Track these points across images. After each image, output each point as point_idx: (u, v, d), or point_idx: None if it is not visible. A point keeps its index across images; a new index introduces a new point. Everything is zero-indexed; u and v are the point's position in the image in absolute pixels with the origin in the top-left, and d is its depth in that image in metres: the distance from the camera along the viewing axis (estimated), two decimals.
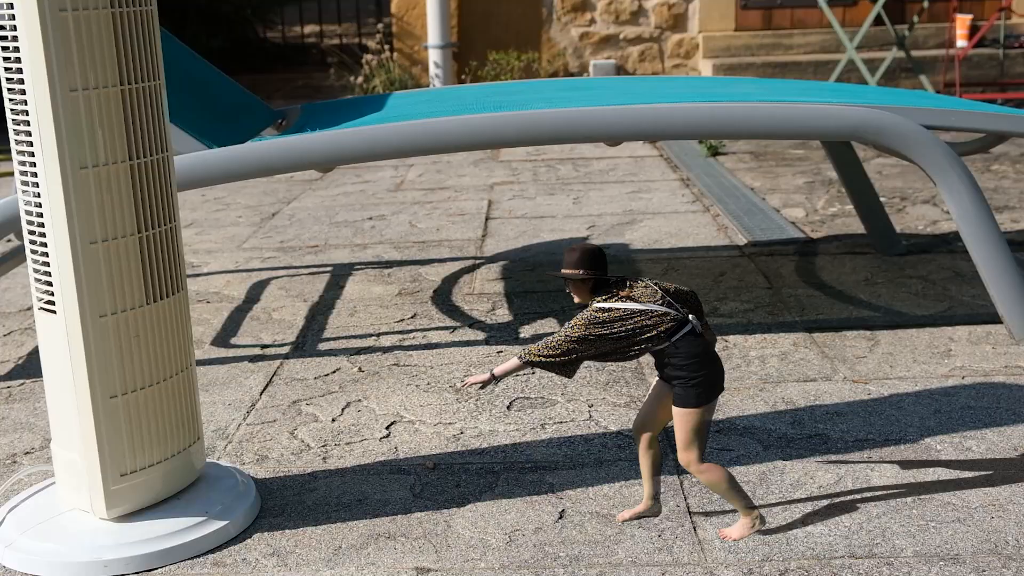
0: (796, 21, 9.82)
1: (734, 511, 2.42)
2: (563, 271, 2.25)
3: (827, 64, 9.21)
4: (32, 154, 2.19)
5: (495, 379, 2.27)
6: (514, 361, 2.24)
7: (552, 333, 2.27)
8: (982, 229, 3.37)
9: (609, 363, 2.23)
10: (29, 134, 2.18)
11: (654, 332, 2.19)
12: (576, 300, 2.27)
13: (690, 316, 2.22)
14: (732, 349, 3.45)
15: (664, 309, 2.20)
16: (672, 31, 9.91)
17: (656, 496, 2.39)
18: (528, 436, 2.86)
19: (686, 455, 2.25)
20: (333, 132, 3.30)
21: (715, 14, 9.77)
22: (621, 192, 5.97)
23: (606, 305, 2.20)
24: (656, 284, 2.25)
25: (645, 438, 2.34)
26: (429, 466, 2.71)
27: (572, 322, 2.22)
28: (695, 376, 2.21)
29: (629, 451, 2.75)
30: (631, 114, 3.32)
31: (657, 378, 2.33)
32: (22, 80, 2.15)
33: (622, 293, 2.22)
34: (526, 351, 2.23)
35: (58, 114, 2.13)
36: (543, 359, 2.21)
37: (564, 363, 2.22)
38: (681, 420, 2.23)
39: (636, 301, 2.20)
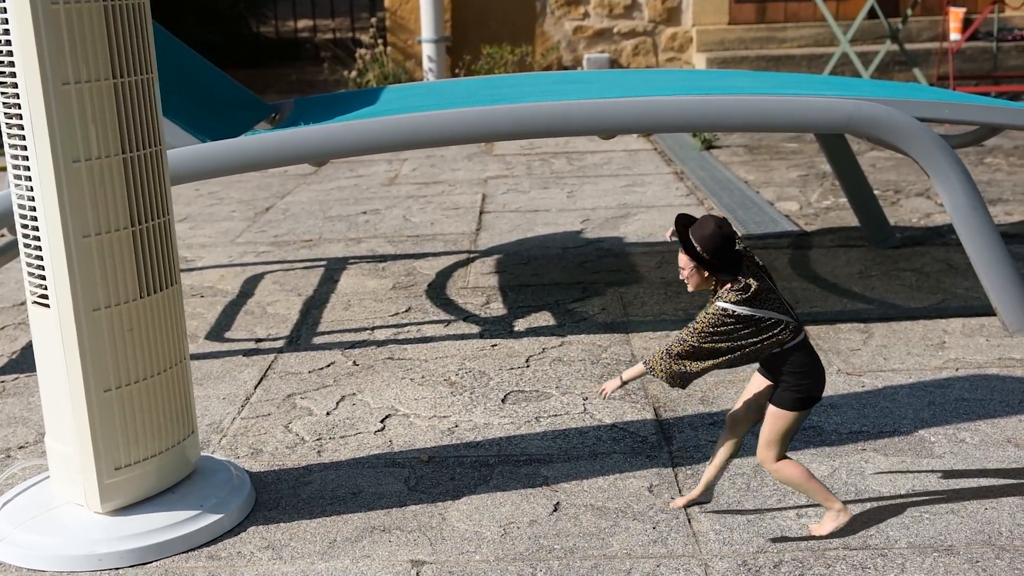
0: (790, 14, 9.82)
1: (730, 504, 2.42)
2: (688, 251, 2.12)
3: (821, 57, 9.21)
4: (25, 148, 2.18)
5: (623, 383, 2.22)
6: (639, 367, 2.18)
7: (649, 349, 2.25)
8: (976, 221, 3.37)
9: (698, 366, 2.13)
10: (22, 128, 2.17)
11: (772, 340, 2.14)
12: (688, 284, 2.15)
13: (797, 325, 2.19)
14: None
15: (785, 318, 2.15)
16: (666, 25, 9.90)
17: (712, 485, 2.38)
18: (523, 429, 2.87)
19: (765, 452, 2.23)
20: (326, 126, 3.29)
21: (708, 8, 9.77)
22: (615, 186, 5.97)
23: (730, 307, 2.10)
24: (766, 276, 2.17)
25: (731, 433, 2.32)
26: (424, 459, 2.71)
27: (694, 325, 2.11)
28: (799, 384, 2.18)
29: (623, 444, 2.76)
30: (625, 107, 3.31)
31: (757, 371, 2.28)
32: (14, 74, 2.14)
33: (743, 290, 2.11)
34: (650, 356, 2.16)
35: (50, 108, 2.12)
36: (663, 372, 2.14)
37: (682, 374, 2.14)
38: (772, 419, 2.21)
39: (759, 303, 2.11)
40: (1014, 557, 2.18)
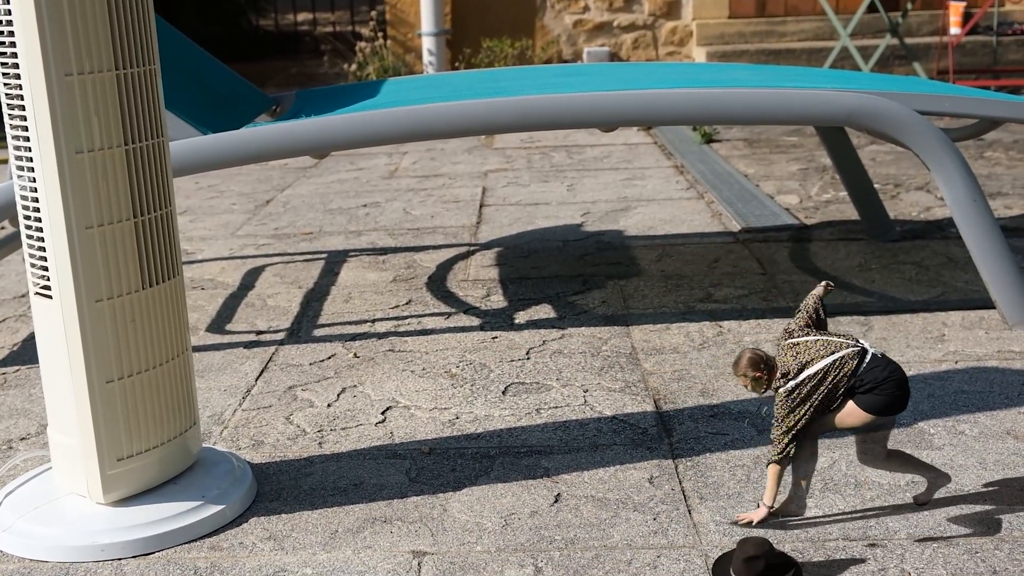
0: (790, 8, 9.82)
1: (730, 495, 2.43)
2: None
3: (821, 51, 9.21)
4: (28, 139, 2.19)
5: (770, 511, 2.29)
6: (771, 475, 2.26)
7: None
8: (975, 215, 3.38)
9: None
10: (24, 119, 2.17)
11: (841, 375, 2.20)
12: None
13: (866, 344, 2.24)
14: (727, 335, 3.46)
15: (840, 354, 2.21)
16: (666, 18, 9.90)
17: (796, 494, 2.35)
18: (523, 421, 2.87)
19: (878, 454, 2.27)
20: (327, 118, 3.30)
21: (709, 1, 9.76)
22: (615, 179, 5.97)
23: (793, 384, 2.21)
24: (809, 323, 2.29)
25: (808, 444, 2.33)
26: (425, 451, 2.72)
27: (776, 415, 2.23)
28: (881, 392, 2.22)
29: (624, 435, 2.76)
30: (625, 99, 3.32)
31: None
32: (17, 65, 2.14)
33: (786, 374, 2.23)
34: (768, 461, 2.25)
35: (53, 99, 2.13)
36: (780, 458, 2.24)
37: (796, 452, 2.24)
38: (848, 417, 2.23)
39: (806, 364, 2.22)
40: (1013, 548, 2.19)
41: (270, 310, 3.89)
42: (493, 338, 3.51)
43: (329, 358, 3.38)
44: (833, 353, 2.21)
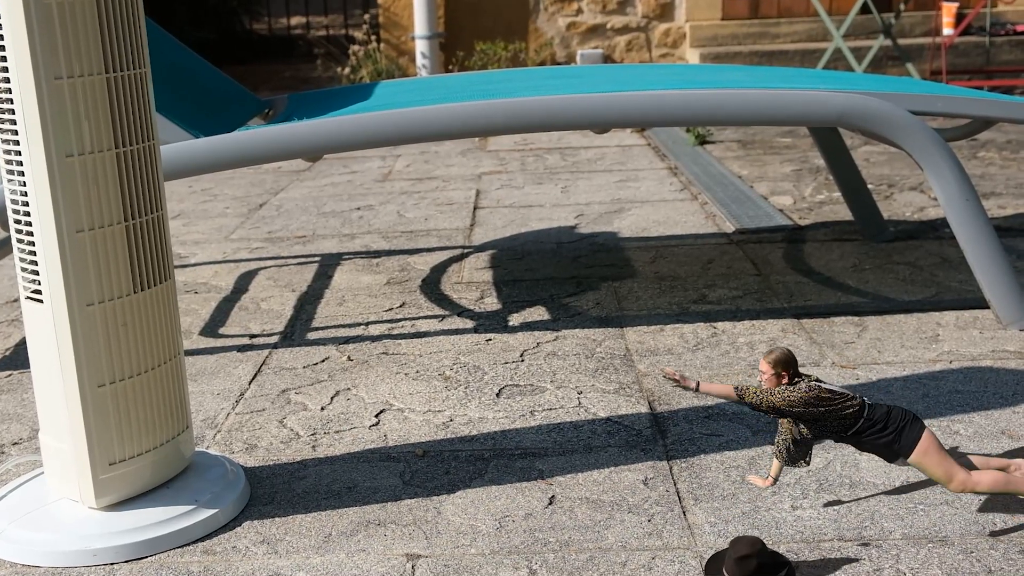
0: (783, 10, 9.83)
1: (725, 496, 2.43)
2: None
3: (814, 53, 9.22)
4: (17, 143, 2.18)
5: (697, 389, 2.28)
6: (728, 388, 2.25)
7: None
8: (969, 215, 3.38)
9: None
10: (14, 123, 2.17)
11: (837, 409, 2.22)
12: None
13: (864, 399, 2.25)
14: (721, 336, 3.46)
15: (851, 396, 2.23)
16: (659, 20, 9.91)
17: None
18: (517, 423, 2.87)
19: (947, 483, 2.24)
20: (320, 121, 3.29)
21: (702, 3, 9.77)
22: (609, 181, 5.97)
23: (825, 385, 2.23)
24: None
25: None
26: (419, 453, 2.71)
27: (792, 388, 2.23)
28: (887, 434, 2.23)
29: (618, 437, 2.76)
30: (618, 101, 3.32)
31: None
32: (6, 68, 2.14)
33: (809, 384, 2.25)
34: (743, 387, 2.25)
35: (43, 102, 2.12)
36: (754, 402, 2.24)
37: (770, 412, 2.25)
38: (919, 463, 2.24)
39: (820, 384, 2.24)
40: (1008, 548, 2.19)
41: (263, 314, 3.88)
42: (487, 340, 3.51)
43: (323, 361, 3.38)
44: (841, 391, 2.24)
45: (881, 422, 2.22)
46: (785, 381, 2.24)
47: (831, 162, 4.61)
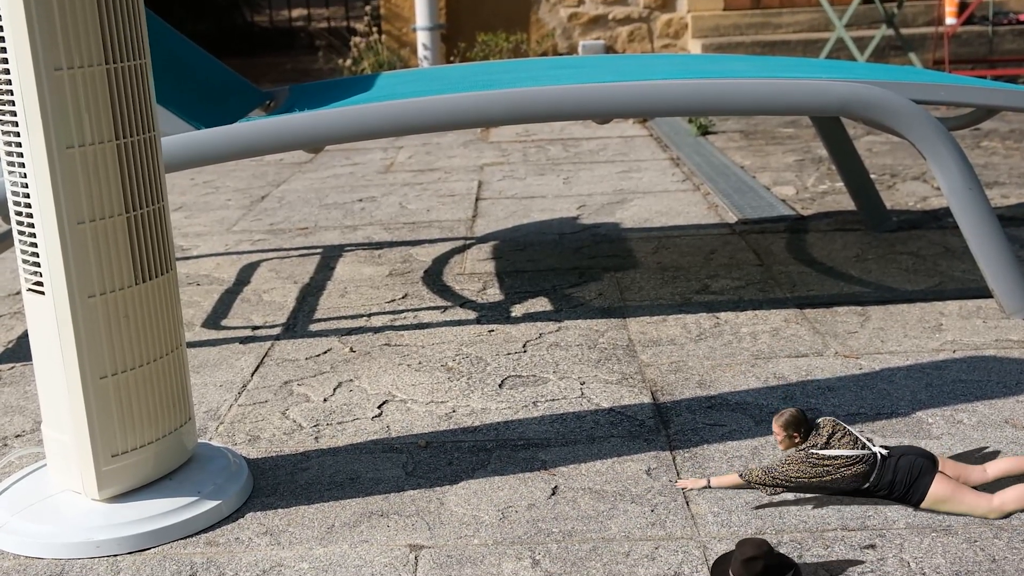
0: (785, 0, 9.80)
1: (726, 487, 2.43)
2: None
3: (816, 43, 9.20)
4: (18, 135, 2.17)
5: (709, 487, 2.36)
6: (733, 477, 2.33)
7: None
8: (972, 204, 3.37)
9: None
10: (15, 114, 2.16)
11: (851, 473, 2.28)
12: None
13: (876, 448, 2.31)
14: (724, 326, 3.45)
15: (863, 453, 2.29)
16: (661, 11, 9.88)
17: None
18: (520, 414, 2.86)
19: (976, 515, 2.27)
20: (321, 112, 3.29)
21: None
22: (611, 172, 5.96)
23: (823, 452, 2.28)
24: (839, 424, 2.34)
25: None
26: (421, 444, 2.71)
27: (789, 460, 2.29)
28: (896, 492, 2.30)
29: (621, 427, 2.75)
30: (620, 91, 3.31)
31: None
32: (6, 60, 2.13)
33: (825, 442, 2.31)
34: (747, 472, 2.31)
35: (43, 94, 2.12)
36: (750, 484, 2.32)
37: (777, 489, 2.32)
38: (936, 509, 2.29)
39: (837, 447, 2.30)
40: (1012, 536, 2.18)
41: (266, 305, 3.88)
42: (490, 331, 3.50)
43: (325, 353, 3.37)
44: (853, 449, 2.29)
45: (886, 487, 2.30)
46: (798, 440, 2.31)
47: (834, 152, 4.60)
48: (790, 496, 2.37)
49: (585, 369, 3.15)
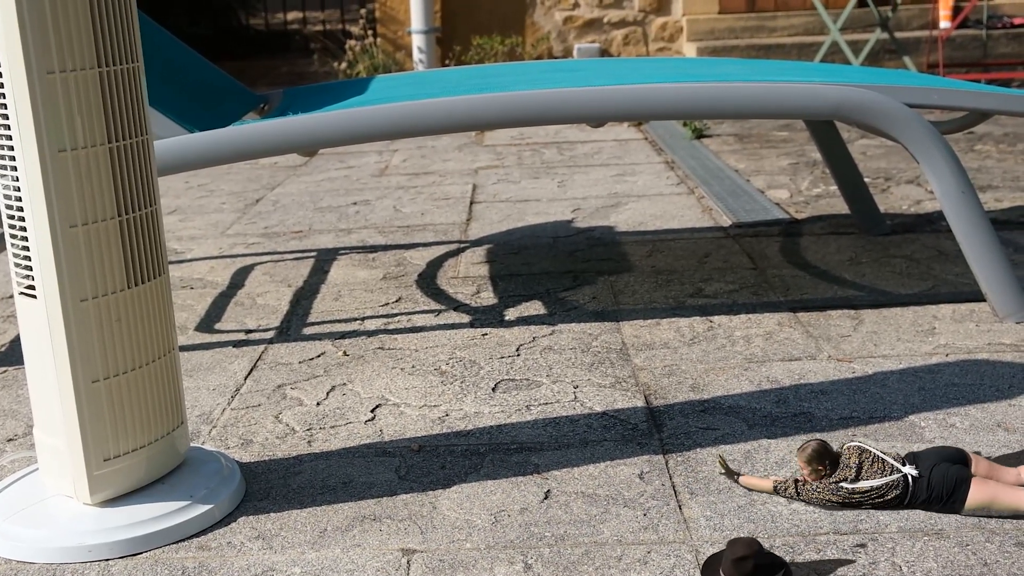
0: (780, 3, 9.82)
1: (720, 490, 2.43)
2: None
3: (811, 46, 9.21)
4: (10, 138, 2.17)
5: (737, 481, 2.43)
6: (767, 484, 2.38)
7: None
8: (965, 208, 3.38)
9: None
10: (6, 117, 2.16)
11: (891, 497, 2.30)
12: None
13: (907, 468, 2.31)
14: (717, 329, 3.45)
15: (894, 478, 2.29)
16: (656, 14, 9.89)
17: None
18: (513, 418, 2.86)
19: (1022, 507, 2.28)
20: (315, 115, 3.28)
21: None
22: (606, 175, 5.96)
23: (854, 487, 2.30)
24: (865, 450, 2.35)
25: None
26: (414, 448, 2.71)
27: (821, 491, 2.32)
28: (933, 504, 2.30)
29: (614, 431, 2.75)
30: (615, 95, 3.31)
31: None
32: None
33: (855, 476, 2.31)
34: (783, 485, 2.35)
35: (35, 97, 2.11)
36: (776, 492, 2.37)
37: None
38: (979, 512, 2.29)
39: (867, 478, 2.31)
40: (1004, 541, 2.18)
41: (259, 309, 3.88)
42: (483, 335, 3.50)
43: (318, 356, 3.37)
44: (884, 476, 2.30)
45: (923, 504, 2.30)
46: (825, 472, 2.32)
47: (828, 156, 4.60)
48: (782, 499, 2.37)
49: (578, 373, 3.15)
